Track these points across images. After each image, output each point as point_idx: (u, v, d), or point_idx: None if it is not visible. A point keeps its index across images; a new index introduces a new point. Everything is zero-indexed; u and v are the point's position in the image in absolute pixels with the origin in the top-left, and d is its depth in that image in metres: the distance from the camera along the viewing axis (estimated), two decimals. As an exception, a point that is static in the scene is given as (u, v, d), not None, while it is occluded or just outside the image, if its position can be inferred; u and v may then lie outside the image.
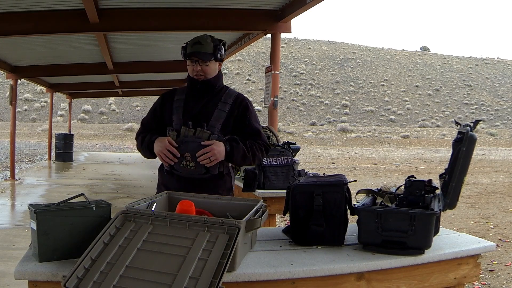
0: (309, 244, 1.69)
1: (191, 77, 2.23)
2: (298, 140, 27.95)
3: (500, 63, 66.96)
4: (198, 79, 2.21)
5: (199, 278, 1.19)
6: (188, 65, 2.23)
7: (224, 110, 2.20)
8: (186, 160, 2.08)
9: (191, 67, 2.21)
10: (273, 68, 5.21)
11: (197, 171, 2.09)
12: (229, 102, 2.23)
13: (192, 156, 2.07)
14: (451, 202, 1.69)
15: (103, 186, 8.61)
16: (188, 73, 2.27)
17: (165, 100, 2.29)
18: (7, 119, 29.51)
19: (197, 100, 2.22)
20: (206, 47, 2.18)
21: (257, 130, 2.26)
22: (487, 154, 22.89)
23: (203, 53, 2.18)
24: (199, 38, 2.20)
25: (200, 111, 2.20)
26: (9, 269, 3.42)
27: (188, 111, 2.19)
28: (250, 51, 54.33)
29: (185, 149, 2.08)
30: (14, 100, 8.99)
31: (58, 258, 1.41)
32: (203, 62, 2.18)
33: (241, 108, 2.24)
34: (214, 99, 2.23)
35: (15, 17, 4.94)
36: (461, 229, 5.60)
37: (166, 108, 2.26)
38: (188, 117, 2.16)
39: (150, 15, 5.11)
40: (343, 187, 1.72)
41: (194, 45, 2.18)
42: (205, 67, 2.19)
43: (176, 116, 2.19)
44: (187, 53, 2.20)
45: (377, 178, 11.58)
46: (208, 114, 2.19)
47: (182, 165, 2.09)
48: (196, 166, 2.08)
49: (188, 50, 2.20)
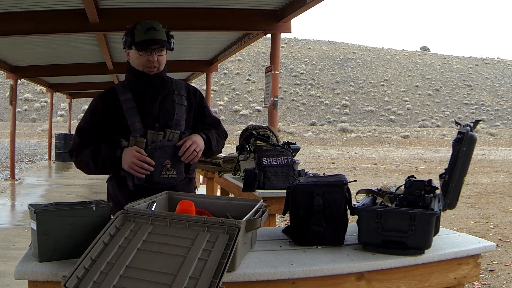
0: (309, 244, 1.69)
1: (140, 71, 1.90)
2: (298, 140, 27.94)
3: (500, 63, 66.95)
4: (150, 72, 1.89)
5: (199, 278, 1.19)
6: (138, 55, 1.87)
7: (183, 104, 1.97)
8: (166, 169, 1.86)
9: (143, 58, 1.86)
10: (273, 68, 5.21)
11: (179, 177, 1.91)
12: (183, 93, 1.99)
13: (172, 164, 1.86)
14: (451, 202, 1.69)
15: (103, 186, 8.55)
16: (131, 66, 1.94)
17: (106, 101, 1.91)
18: (7, 119, 29.50)
19: (152, 98, 1.92)
20: (161, 34, 1.87)
21: (217, 119, 2.11)
22: (487, 154, 22.88)
23: (162, 41, 1.86)
24: (151, 23, 1.85)
25: (160, 109, 1.92)
26: (9, 269, 3.42)
27: (147, 112, 1.89)
28: (250, 51, 54.32)
29: (163, 157, 1.85)
30: (14, 100, 9.00)
31: (58, 258, 1.41)
32: (160, 51, 1.88)
33: (197, 99, 2.03)
34: (168, 94, 1.96)
35: (15, 17, 4.94)
36: (461, 229, 5.60)
37: (113, 110, 1.88)
38: (149, 119, 1.88)
39: (150, 15, 5.10)
40: (343, 187, 1.72)
41: (148, 31, 1.83)
42: (161, 58, 1.90)
43: (133, 120, 1.86)
44: (139, 41, 1.83)
45: (377, 178, 11.58)
46: (169, 111, 1.93)
47: (163, 176, 1.86)
48: (177, 172, 1.89)
49: (140, 37, 1.83)
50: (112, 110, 1.88)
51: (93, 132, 1.89)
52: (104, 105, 1.91)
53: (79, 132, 1.91)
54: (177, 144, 1.87)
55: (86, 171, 1.93)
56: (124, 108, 1.87)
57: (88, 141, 1.88)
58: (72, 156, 1.92)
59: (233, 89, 46.93)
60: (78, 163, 1.91)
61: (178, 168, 1.89)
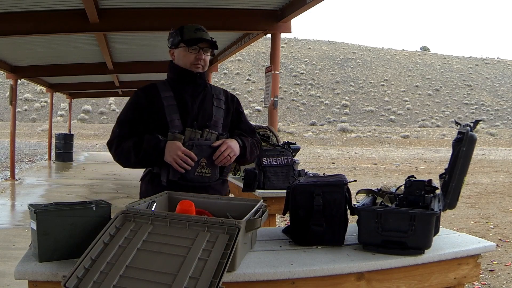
0: (309, 244, 1.69)
1: (185, 68, 1.94)
2: (298, 140, 27.94)
3: (500, 63, 66.95)
4: (195, 70, 1.94)
5: (199, 278, 1.19)
6: (187, 52, 1.92)
7: (221, 107, 2.00)
8: (202, 167, 1.86)
9: (192, 55, 1.91)
10: (273, 68, 5.21)
11: (213, 177, 1.91)
12: (222, 98, 2.03)
13: (207, 162, 1.87)
14: (451, 202, 1.69)
15: (103, 186, 8.61)
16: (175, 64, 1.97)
17: (149, 96, 1.94)
18: (7, 119, 29.51)
19: (193, 97, 1.96)
20: (208, 36, 1.95)
21: (252, 128, 2.13)
22: (487, 154, 22.88)
23: (211, 41, 1.93)
24: (199, 26, 1.95)
25: (199, 109, 1.95)
26: (9, 269, 3.42)
27: (187, 111, 1.93)
28: (250, 51, 54.34)
29: (200, 155, 1.86)
30: (14, 100, 9.00)
31: (58, 258, 1.41)
32: (206, 51, 1.95)
33: (234, 105, 2.07)
34: (208, 95, 2.00)
35: (15, 17, 4.94)
36: (461, 229, 5.60)
37: (154, 105, 1.92)
38: (188, 117, 1.91)
39: (150, 15, 5.11)
40: (343, 187, 1.72)
41: (197, 31, 1.92)
42: (207, 57, 1.96)
43: (173, 117, 1.89)
44: (188, 39, 1.91)
45: (377, 178, 11.58)
46: (207, 112, 1.96)
47: (197, 173, 1.87)
48: (211, 172, 1.89)
49: (190, 36, 1.91)
50: (153, 105, 1.91)
51: (133, 125, 1.91)
52: (146, 99, 1.94)
53: (120, 125, 1.93)
54: (212, 145, 1.88)
55: (125, 163, 1.93)
56: (165, 104, 1.90)
57: (128, 134, 1.90)
58: (111, 148, 1.93)
59: (233, 89, 46.91)
60: (117, 155, 1.92)
61: (213, 168, 1.90)
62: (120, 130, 1.93)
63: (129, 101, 1.98)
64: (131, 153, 1.87)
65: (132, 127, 1.91)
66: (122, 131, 1.92)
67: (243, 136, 2.01)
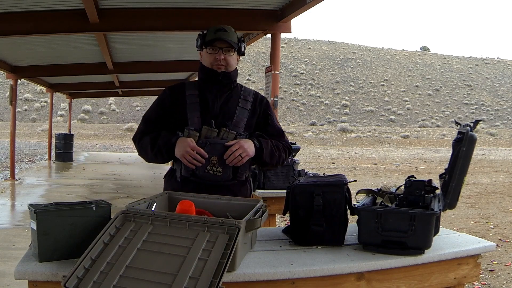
0: (309, 244, 1.69)
1: (209, 68, 1.96)
2: (298, 140, 27.93)
3: (500, 63, 66.97)
4: (218, 70, 1.95)
5: (199, 278, 1.19)
6: (207, 53, 1.96)
7: (246, 108, 1.99)
8: (212, 165, 1.84)
9: (212, 56, 1.94)
10: (273, 68, 5.21)
11: (224, 177, 1.88)
12: (249, 99, 2.01)
13: (219, 161, 1.84)
14: (451, 202, 1.69)
15: (103, 186, 8.60)
16: (202, 65, 2.01)
17: (174, 94, 2.00)
18: (7, 119, 29.51)
19: (216, 96, 1.97)
20: (231, 35, 1.94)
21: (281, 130, 2.08)
22: (487, 154, 22.89)
23: (230, 41, 1.93)
24: (222, 26, 1.95)
25: (221, 109, 1.95)
26: (9, 269, 3.42)
27: (208, 109, 1.94)
28: (250, 51, 54.28)
29: (212, 152, 1.84)
30: (14, 100, 8.99)
31: (58, 258, 1.41)
32: (227, 51, 1.94)
33: (262, 106, 2.04)
34: (234, 96, 2.00)
35: (15, 17, 4.94)
36: (461, 229, 5.60)
37: (178, 103, 1.96)
38: (208, 115, 1.92)
39: (150, 15, 5.11)
40: (343, 187, 1.72)
41: (217, 32, 1.93)
42: (229, 57, 1.95)
43: (193, 114, 1.92)
44: (209, 40, 1.93)
45: (377, 178, 11.58)
46: (230, 112, 1.95)
47: (208, 171, 1.85)
48: (223, 171, 1.86)
49: (209, 37, 1.94)
50: (177, 103, 1.97)
51: (158, 122, 1.98)
52: (172, 97, 1.99)
53: (145, 121, 2.01)
54: (225, 144, 1.86)
55: (145, 157, 1.99)
56: (188, 102, 1.95)
57: (152, 130, 1.97)
58: (135, 142, 2.02)
59: (233, 89, 46.86)
60: (139, 149, 1.99)
61: (224, 167, 1.87)
62: (144, 126, 2.01)
63: (156, 99, 2.05)
64: (148, 147, 1.93)
65: (156, 124, 1.98)
66: (146, 127, 2.00)
67: (263, 138, 1.97)
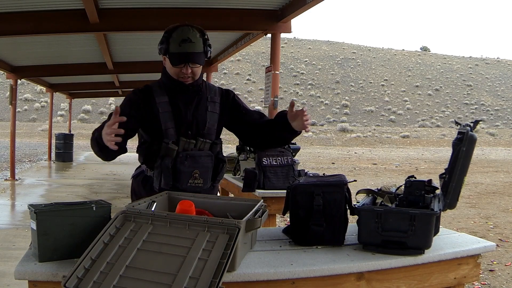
0: (309, 244, 1.69)
1: (174, 79, 1.89)
2: (298, 140, 27.81)
3: (500, 63, 66.95)
4: (184, 81, 1.89)
5: (199, 278, 1.19)
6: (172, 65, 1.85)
7: (215, 111, 1.97)
8: (194, 178, 1.87)
9: (177, 69, 1.85)
10: (273, 68, 5.21)
11: (205, 186, 1.91)
12: (216, 100, 1.98)
13: (200, 173, 1.87)
14: (451, 202, 1.69)
15: (103, 186, 8.60)
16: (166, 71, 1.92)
17: (146, 99, 1.89)
18: (7, 119, 29.50)
19: (187, 103, 1.92)
20: (197, 46, 1.82)
21: (260, 112, 2.06)
22: (487, 154, 22.88)
23: (197, 55, 1.83)
24: (187, 34, 1.80)
25: (193, 116, 1.92)
26: (9, 269, 3.42)
27: (181, 119, 1.89)
28: (250, 51, 54.31)
29: (193, 166, 1.85)
30: (14, 100, 8.99)
31: (58, 258, 1.41)
32: (194, 64, 1.85)
33: (230, 100, 2.02)
34: (202, 99, 1.96)
35: (15, 17, 4.93)
36: (461, 229, 5.60)
37: (150, 110, 1.88)
38: (183, 125, 1.89)
39: (150, 15, 5.11)
40: (343, 187, 1.72)
41: (183, 43, 1.80)
42: (196, 69, 1.88)
43: (167, 124, 1.86)
44: (173, 53, 1.82)
45: (377, 178, 11.57)
46: (201, 120, 1.93)
47: (190, 184, 1.87)
48: (204, 182, 1.90)
49: (173, 49, 1.81)
50: (147, 108, 1.88)
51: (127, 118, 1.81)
52: (143, 100, 1.89)
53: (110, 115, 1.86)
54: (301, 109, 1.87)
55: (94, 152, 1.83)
56: (160, 111, 1.87)
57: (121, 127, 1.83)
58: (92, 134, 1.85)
59: (233, 89, 46.89)
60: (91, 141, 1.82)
61: (205, 178, 1.89)
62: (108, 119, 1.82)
63: (125, 98, 1.95)
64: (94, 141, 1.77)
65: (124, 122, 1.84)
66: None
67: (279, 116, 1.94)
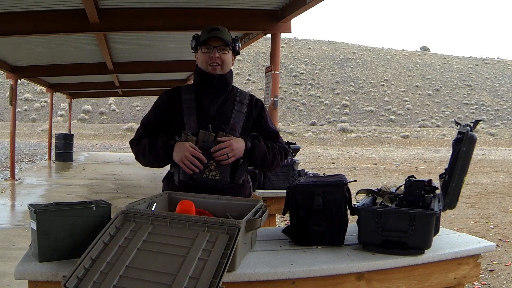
0: (309, 244, 1.69)
1: (204, 70, 1.96)
2: (298, 140, 27.93)
3: (500, 63, 66.95)
4: (213, 71, 1.94)
5: (199, 278, 1.19)
6: (202, 52, 1.96)
7: (242, 111, 1.98)
8: (210, 170, 1.85)
9: (206, 55, 1.94)
10: (273, 68, 5.21)
11: (222, 181, 1.88)
12: (245, 102, 2.01)
13: (217, 165, 1.85)
14: (451, 202, 1.69)
15: (103, 186, 8.60)
16: (197, 67, 2.00)
17: (171, 99, 1.99)
18: (7, 119, 29.50)
19: (212, 99, 1.97)
20: (225, 34, 1.95)
21: (275, 132, 2.08)
22: (487, 154, 22.88)
23: (225, 40, 1.93)
24: (216, 26, 1.96)
25: (217, 112, 1.95)
26: (9, 269, 3.42)
27: (204, 113, 1.94)
28: (250, 51, 54.30)
29: (209, 157, 1.84)
30: (14, 100, 8.99)
31: (58, 258, 1.41)
32: (222, 49, 1.94)
33: (257, 109, 2.04)
34: (230, 98, 2.00)
35: (15, 17, 4.94)
36: (461, 229, 5.60)
37: (175, 108, 1.96)
38: (204, 119, 1.92)
39: (150, 15, 5.11)
40: (343, 187, 1.72)
41: (212, 31, 1.93)
42: (224, 56, 1.94)
43: (189, 118, 1.92)
44: (203, 40, 1.94)
45: (377, 178, 11.57)
46: (226, 115, 1.95)
47: (205, 175, 1.85)
48: (221, 175, 1.86)
49: (204, 37, 1.94)
50: (174, 108, 1.96)
51: (157, 126, 1.97)
52: (169, 103, 1.99)
53: (143, 125, 2.01)
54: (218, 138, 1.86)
55: (142, 161, 1.98)
56: (184, 106, 1.95)
57: (151, 134, 1.96)
58: (132, 145, 2.00)
59: (233, 89, 46.84)
60: (136, 152, 1.98)
61: (222, 171, 1.87)
62: (143, 130, 2.00)
63: (153, 104, 2.05)
64: (146, 150, 1.91)
65: (154, 129, 1.97)
66: (145, 132, 1.99)
67: (258, 139, 1.94)
